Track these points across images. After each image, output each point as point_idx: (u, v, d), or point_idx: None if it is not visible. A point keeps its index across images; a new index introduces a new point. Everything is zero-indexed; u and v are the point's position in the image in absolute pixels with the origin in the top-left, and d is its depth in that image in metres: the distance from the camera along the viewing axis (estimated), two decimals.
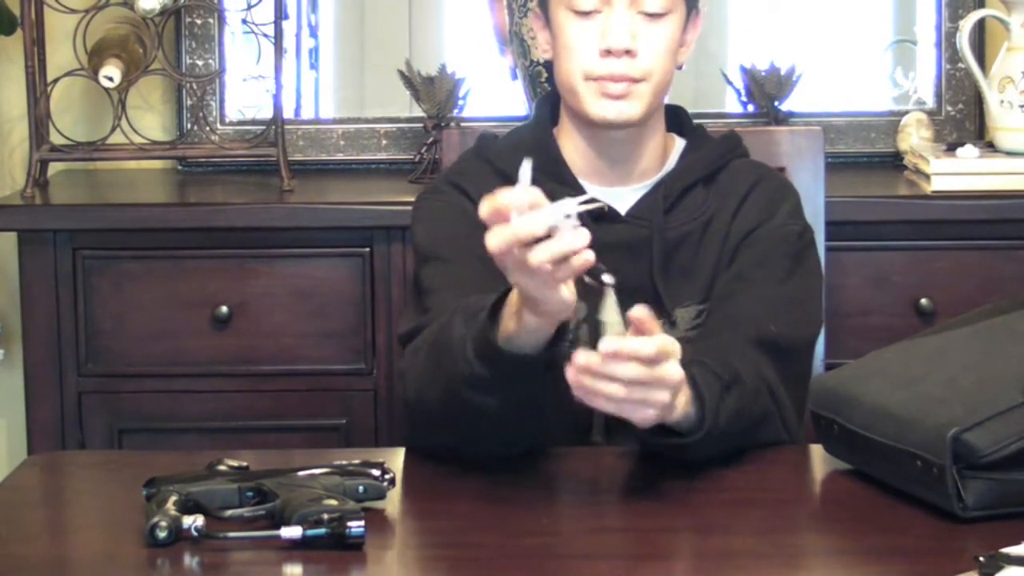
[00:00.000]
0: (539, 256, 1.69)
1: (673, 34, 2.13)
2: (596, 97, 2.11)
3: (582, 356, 1.73)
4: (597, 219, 2.15)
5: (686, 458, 1.88)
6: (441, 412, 1.90)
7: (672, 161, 2.21)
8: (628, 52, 2.09)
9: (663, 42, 2.12)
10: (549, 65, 2.88)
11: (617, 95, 2.10)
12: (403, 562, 1.70)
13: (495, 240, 1.70)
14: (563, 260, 1.69)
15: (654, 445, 1.88)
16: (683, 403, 1.84)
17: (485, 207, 1.72)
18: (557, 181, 2.16)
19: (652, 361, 1.74)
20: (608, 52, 2.09)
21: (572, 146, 2.19)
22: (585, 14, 2.11)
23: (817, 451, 1.94)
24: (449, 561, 1.68)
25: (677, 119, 2.25)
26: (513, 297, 1.80)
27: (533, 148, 2.19)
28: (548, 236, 1.69)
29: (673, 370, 1.77)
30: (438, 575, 1.66)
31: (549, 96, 2.27)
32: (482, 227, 2.16)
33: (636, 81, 2.10)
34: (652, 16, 2.11)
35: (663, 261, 2.14)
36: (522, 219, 1.69)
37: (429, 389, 1.92)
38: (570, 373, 1.74)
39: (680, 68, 2.19)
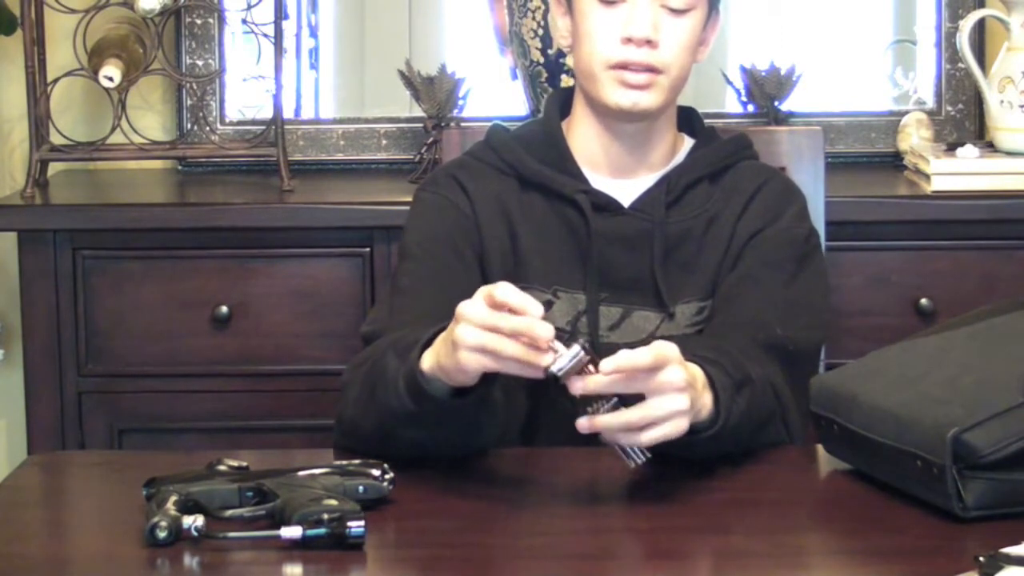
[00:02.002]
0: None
1: (694, 30, 2.14)
2: (615, 85, 2.12)
3: (583, 423, 1.76)
4: (600, 210, 2.16)
5: (692, 456, 1.88)
6: (375, 441, 1.91)
7: (680, 158, 2.22)
8: (649, 42, 2.10)
9: (684, 37, 2.13)
10: (549, 65, 2.90)
11: (636, 85, 2.11)
12: (403, 562, 1.70)
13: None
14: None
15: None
16: (709, 401, 1.85)
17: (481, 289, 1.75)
18: (562, 172, 2.17)
19: (652, 370, 1.75)
20: (629, 40, 2.10)
21: (582, 137, 2.20)
22: (610, 3, 2.12)
23: (817, 451, 1.94)
24: (449, 561, 1.68)
25: (688, 121, 2.26)
26: (438, 340, 1.82)
27: (541, 140, 2.20)
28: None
29: (674, 375, 1.77)
30: (438, 575, 1.66)
31: (559, 93, 2.28)
32: (470, 228, 2.17)
33: (656, 72, 2.11)
34: (675, 11, 2.12)
35: (663, 255, 2.14)
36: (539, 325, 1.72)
37: (363, 419, 1.93)
38: (583, 428, 1.76)
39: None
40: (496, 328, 1.72)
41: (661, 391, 1.76)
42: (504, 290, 1.74)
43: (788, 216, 2.18)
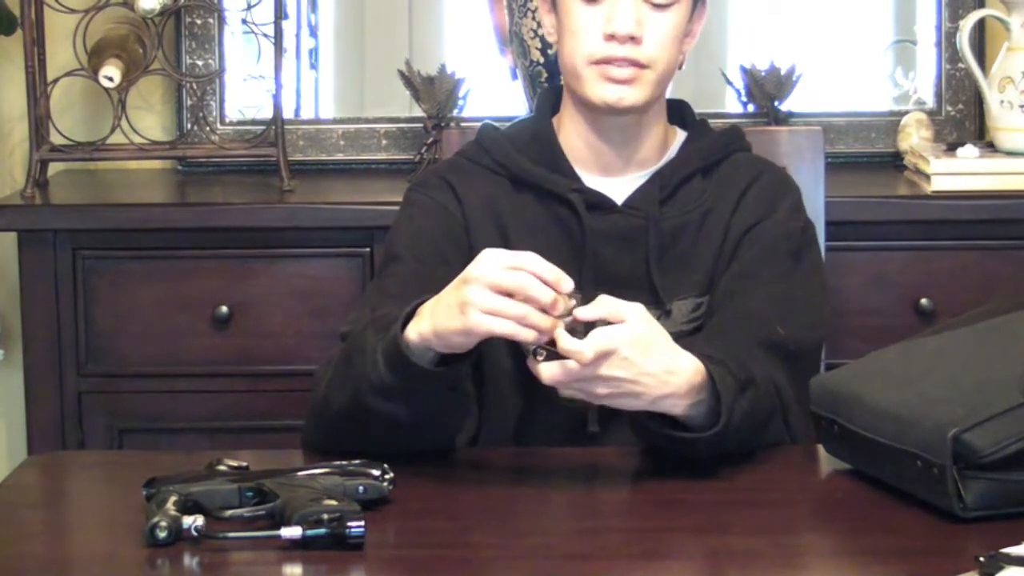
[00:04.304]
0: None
1: (678, 23, 2.13)
2: (599, 81, 2.11)
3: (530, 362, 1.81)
4: (593, 208, 2.15)
5: (693, 455, 1.88)
6: (346, 417, 1.92)
7: (672, 152, 2.22)
8: (632, 39, 2.09)
9: (668, 31, 2.12)
10: (549, 65, 2.90)
11: (621, 79, 2.11)
12: (403, 562, 1.70)
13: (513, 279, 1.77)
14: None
15: (663, 438, 1.88)
16: (689, 400, 1.85)
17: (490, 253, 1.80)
18: (554, 170, 2.17)
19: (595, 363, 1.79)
20: (612, 37, 2.10)
21: (572, 134, 2.19)
22: (592, 0, 2.11)
23: (817, 451, 1.94)
24: (449, 561, 1.68)
25: (680, 113, 2.26)
26: (427, 304, 1.84)
27: (532, 139, 2.20)
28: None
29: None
30: (438, 575, 1.66)
31: (550, 89, 2.28)
32: (459, 231, 2.16)
33: (640, 67, 2.11)
34: (658, 6, 2.11)
35: (659, 251, 2.14)
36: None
37: (337, 394, 1.93)
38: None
39: (681, 68, 2.19)
40: (511, 291, 1.76)
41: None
42: (531, 260, 1.78)
43: (783, 210, 2.18)
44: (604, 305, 1.81)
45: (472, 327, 1.77)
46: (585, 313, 1.79)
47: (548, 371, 1.79)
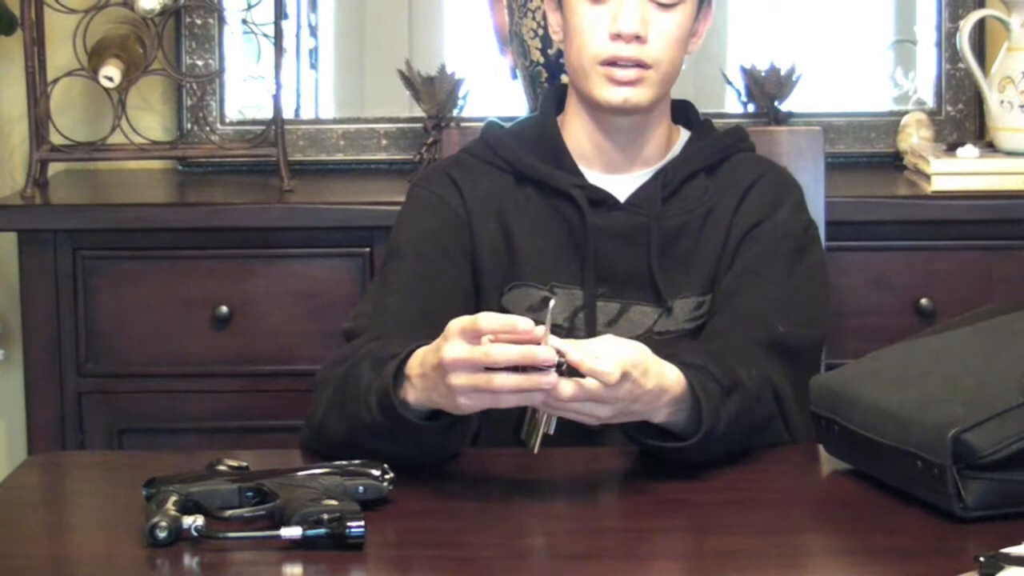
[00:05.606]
0: (505, 383, 1.73)
1: (684, 23, 2.13)
2: (604, 82, 2.12)
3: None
4: (595, 205, 2.16)
5: (686, 460, 1.88)
6: (341, 447, 1.90)
7: (676, 151, 2.22)
8: (638, 38, 2.10)
9: (673, 31, 2.12)
10: (549, 65, 2.90)
11: (626, 81, 2.11)
12: (403, 562, 1.70)
13: (458, 351, 1.73)
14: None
15: (652, 448, 1.88)
16: (668, 410, 1.85)
17: (455, 327, 1.74)
18: (558, 167, 2.17)
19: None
20: (618, 36, 2.10)
21: (576, 132, 2.20)
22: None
23: (817, 451, 1.94)
24: (449, 561, 1.68)
25: (685, 113, 2.26)
26: (414, 362, 1.82)
27: (537, 136, 2.20)
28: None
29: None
30: (438, 575, 1.66)
31: (555, 87, 2.28)
32: (461, 227, 2.17)
33: (645, 67, 2.11)
34: (664, 5, 2.12)
35: (660, 249, 2.14)
36: (500, 348, 1.73)
37: (333, 424, 1.93)
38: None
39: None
40: (487, 364, 1.73)
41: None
42: (488, 320, 1.74)
43: (785, 209, 2.18)
44: (578, 344, 1.79)
45: (464, 409, 1.78)
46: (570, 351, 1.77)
47: (569, 388, 1.76)
